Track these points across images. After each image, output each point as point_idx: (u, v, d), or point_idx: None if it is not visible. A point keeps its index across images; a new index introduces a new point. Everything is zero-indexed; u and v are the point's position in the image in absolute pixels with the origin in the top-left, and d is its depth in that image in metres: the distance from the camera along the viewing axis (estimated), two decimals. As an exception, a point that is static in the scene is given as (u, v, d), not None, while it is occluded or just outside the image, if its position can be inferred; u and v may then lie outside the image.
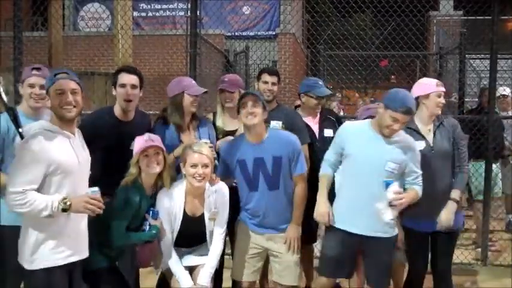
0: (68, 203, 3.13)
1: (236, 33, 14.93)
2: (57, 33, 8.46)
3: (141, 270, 4.30)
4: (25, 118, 3.82)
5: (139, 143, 3.80)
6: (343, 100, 11.65)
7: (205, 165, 3.78)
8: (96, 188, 3.26)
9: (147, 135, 3.85)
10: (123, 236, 3.73)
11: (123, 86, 4.11)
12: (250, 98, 3.95)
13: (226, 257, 4.53)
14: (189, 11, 6.33)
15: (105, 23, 15.04)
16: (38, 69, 3.96)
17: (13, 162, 3.19)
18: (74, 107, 3.25)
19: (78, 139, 3.39)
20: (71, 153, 3.26)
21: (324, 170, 4.09)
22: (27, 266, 3.20)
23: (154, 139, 3.81)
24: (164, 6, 16.55)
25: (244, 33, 15.51)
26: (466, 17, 13.73)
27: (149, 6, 16.43)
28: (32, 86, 3.90)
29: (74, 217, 3.27)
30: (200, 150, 3.78)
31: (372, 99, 12.65)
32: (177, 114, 4.30)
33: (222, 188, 3.98)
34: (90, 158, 3.48)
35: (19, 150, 3.19)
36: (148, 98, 7.92)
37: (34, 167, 3.11)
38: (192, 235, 3.94)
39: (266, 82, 4.90)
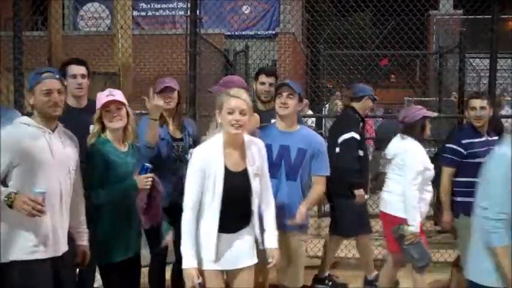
0: (11, 199, 3.04)
1: (236, 33, 14.91)
2: (57, 32, 8.46)
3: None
4: None
5: (100, 99, 3.81)
6: (343, 99, 11.62)
7: (243, 112, 3.38)
8: (41, 189, 3.11)
9: (108, 91, 3.87)
10: (99, 194, 3.69)
11: (74, 76, 4.43)
12: (286, 89, 4.08)
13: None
14: (188, 11, 6.31)
15: (105, 23, 15.03)
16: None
17: None
18: (59, 106, 3.31)
19: (57, 135, 3.36)
20: (43, 148, 3.23)
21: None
22: (1, 259, 3.16)
23: (115, 94, 3.81)
24: (164, 6, 16.54)
25: (244, 33, 15.49)
26: (465, 16, 13.71)
27: (149, 5, 16.42)
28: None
29: (48, 211, 3.17)
30: (238, 95, 3.41)
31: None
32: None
33: (255, 140, 3.64)
34: (75, 156, 3.45)
35: None
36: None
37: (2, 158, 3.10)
38: (237, 198, 3.42)
39: (263, 83, 4.92)
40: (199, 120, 6.32)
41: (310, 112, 9.98)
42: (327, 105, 11.25)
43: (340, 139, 5.41)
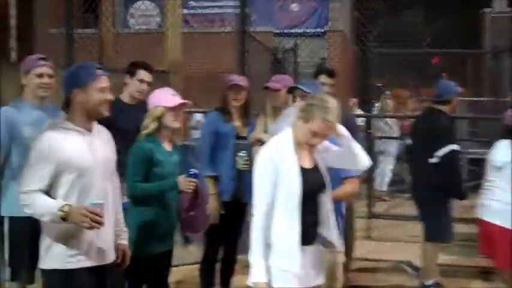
0: (66, 212, 2.85)
1: (284, 31, 14.83)
2: (108, 30, 8.54)
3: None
4: (30, 108, 3.86)
5: (164, 97, 3.75)
6: (393, 98, 11.42)
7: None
8: (100, 201, 2.96)
9: (171, 90, 3.85)
10: (136, 186, 3.67)
11: (141, 81, 4.43)
12: (299, 93, 3.82)
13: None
14: (238, 8, 6.29)
15: (155, 20, 15.17)
16: (44, 59, 3.96)
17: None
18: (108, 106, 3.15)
19: (97, 135, 3.15)
20: (85, 151, 3.02)
21: None
22: (42, 265, 3.05)
23: (179, 95, 3.82)
24: (213, 4, 16.58)
25: (292, 31, 15.40)
26: (521, 14, 13.30)
27: (198, 3, 16.48)
28: (40, 75, 3.87)
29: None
30: (336, 111, 3.14)
31: (424, 97, 12.36)
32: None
33: None
34: (114, 155, 3.26)
35: (32, 148, 3.02)
36: (197, 95, 7.90)
37: (41, 167, 2.92)
38: (312, 197, 3.18)
39: (324, 84, 4.80)
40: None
41: (360, 111, 9.82)
42: (377, 105, 11.07)
43: (440, 153, 5.10)
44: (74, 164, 2.97)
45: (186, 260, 5.55)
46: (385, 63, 9.19)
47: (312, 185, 3.13)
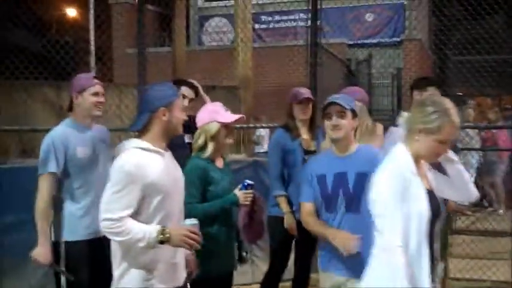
0: (167, 235, 2.81)
1: (359, 42, 14.57)
2: (181, 48, 8.61)
3: None
4: (78, 127, 3.74)
5: (218, 113, 3.64)
6: (475, 108, 10.93)
7: None
8: (195, 220, 2.95)
9: (223, 106, 3.71)
10: (196, 207, 3.51)
11: (184, 97, 4.26)
12: (335, 108, 3.44)
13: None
14: (309, 21, 6.16)
15: (228, 37, 15.27)
16: (96, 77, 3.89)
17: (107, 185, 2.88)
18: None
19: (169, 156, 3.09)
20: (165, 172, 2.94)
21: None
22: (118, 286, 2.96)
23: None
24: (285, 18, 16.54)
25: (367, 41, 15.11)
26: None
27: (270, 18, 16.50)
28: (96, 94, 3.76)
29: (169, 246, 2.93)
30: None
31: (508, 106, 11.77)
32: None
33: None
34: (182, 175, 3.17)
35: (113, 171, 2.87)
36: (268, 110, 7.83)
37: (129, 191, 2.81)
38: (433, 222, 2.81)
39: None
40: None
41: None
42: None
43: None
44: (160, 187, 2.88)
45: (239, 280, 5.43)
46: (465, 72, 8.78)
47: (435, 209, 2.77)
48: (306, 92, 4.65)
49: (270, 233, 4.53)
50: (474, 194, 3.02)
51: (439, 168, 2.99)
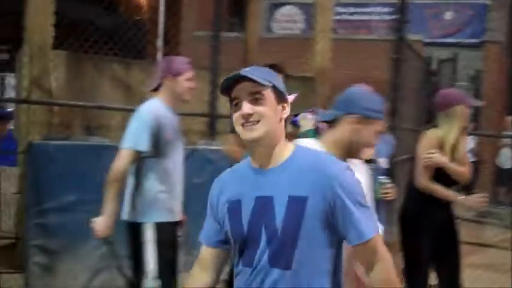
0: None
1: (436, 40, 13.91)
2: (254, 34, 8.30)
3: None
4: (166, 109, 3.66)
5: None
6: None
7: None
8: None
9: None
10: None
11: None
12: (244, 87, 1.96)
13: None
14: (385, 15, 5.80)
15: (299, 26, 14.90)
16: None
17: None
18: None
19: None
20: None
21: None
22: None
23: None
24: (359, 10, 16.00)
25: (446, 40, 14.43)
26: None
27: (345, 9, 15.98)
28: (190, 79, 3.71)
29: None
30: None
31: None
32: None
33: None
34: None
35: None
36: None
37: None
38: None
39: None
40: (399, 135, 5.75)
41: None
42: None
43: None
44: None
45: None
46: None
47: None
48: None
49: None
50: None
51: None
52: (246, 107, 1.94)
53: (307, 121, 3.57)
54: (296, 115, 3.58)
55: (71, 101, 5.35)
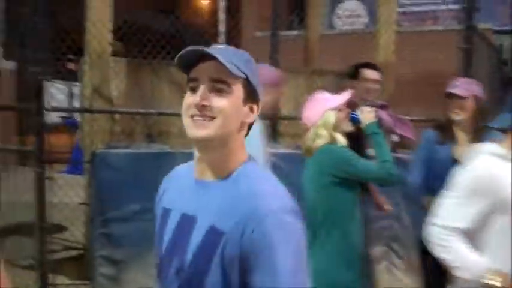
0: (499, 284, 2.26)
1: (507, 28, 13.27)
2: (315, 31, 8.11)
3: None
4: None
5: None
6: None
7: None
8: None
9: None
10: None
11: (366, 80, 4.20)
12: (207, 66, 1.57)
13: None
14: (452, 4, 5.56)
15: (362, 21, 14.57)
16: None
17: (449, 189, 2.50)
18: None
19: None
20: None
21: None
22: None
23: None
24: (425, 1, 15.49)
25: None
26: None
27: (409, 1, 15.51)
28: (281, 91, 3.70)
29: None
30: None
31: None
32: None
33: None
34: None
35: (460, 176, 2.49)
36: (409, 101, 7.12)
37: (471, 202, 2.40)
38: None
39: None
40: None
41: None
42: None
43: None
44: (509, 205, 2.37)
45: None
46: None
47: None
48: (455, 85, 3.86)
49: None
50: None
51: None
52: (203, 96, 1.54)
53: (367, 114, 3.38)
54: (353, 111, 3.40)
55: (132, 109, 5.33)
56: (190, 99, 1.57)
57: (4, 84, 10.91)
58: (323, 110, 3.28)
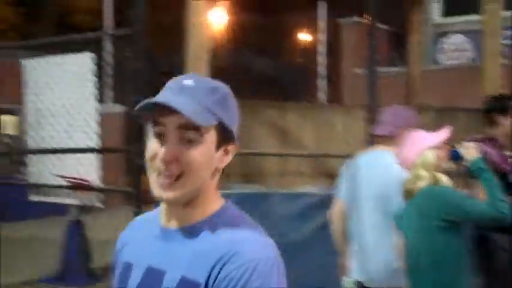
0: None
1: None
2: (416, 67, 7.92)
3: None
4: None
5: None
6: None
7: None
8: None
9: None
10: None
11: None
12: (173, 119, 1.38)
13: None
14: None
15: (468, 55, 14.06)
16: None
17: None
18: None
19: None
20: None
21: None
22: None
23: None
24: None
25: None
26: None
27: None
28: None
29: None
30: None
31: None
32: None
33: None
34: None
35: None
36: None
37: None
38: None
39: None
40: None
41: None
42: None
43: None
44: None
45: None
46: None
47: None
48: None
49: None
50: None
51: None
52: (170, 150, 1.36)
53: (471, 150, 3.17)
54: (453, 147, 3.20)
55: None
56: (155, 148, 1.39)
57: (113, 127, 11.45)
58: (421, 149, 3.12)
